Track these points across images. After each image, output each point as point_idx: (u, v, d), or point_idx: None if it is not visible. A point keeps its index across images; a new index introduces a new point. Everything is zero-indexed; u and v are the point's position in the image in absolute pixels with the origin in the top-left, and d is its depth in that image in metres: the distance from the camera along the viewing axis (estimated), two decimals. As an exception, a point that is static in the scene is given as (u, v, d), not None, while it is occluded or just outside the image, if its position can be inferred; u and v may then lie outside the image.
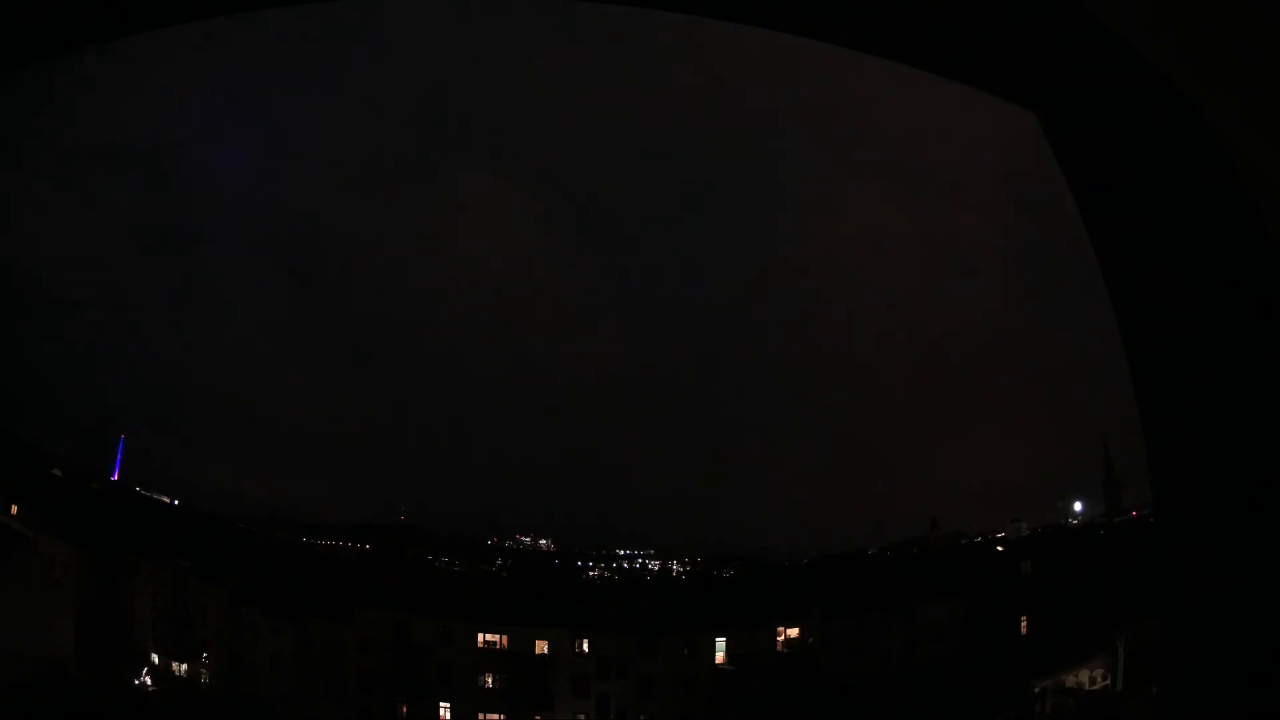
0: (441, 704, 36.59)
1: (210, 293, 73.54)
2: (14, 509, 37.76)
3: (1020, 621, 39.74)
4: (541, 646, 37.23)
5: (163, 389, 63.22)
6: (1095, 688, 36.26)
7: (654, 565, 50.07)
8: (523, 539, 51.52)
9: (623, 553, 50.19)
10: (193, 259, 72.80)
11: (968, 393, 69.89)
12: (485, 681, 36.68)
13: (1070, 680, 36.35)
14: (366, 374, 76.07)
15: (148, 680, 37.39)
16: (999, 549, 45.34)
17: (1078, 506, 46.92)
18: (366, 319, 76.46)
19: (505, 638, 37.24)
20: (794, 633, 38.68)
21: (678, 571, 50.12)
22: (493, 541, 51.35)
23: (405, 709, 36.58)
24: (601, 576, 49.51)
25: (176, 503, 46.55)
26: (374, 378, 75.55)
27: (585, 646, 37.50)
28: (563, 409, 72.00)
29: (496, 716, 36.49)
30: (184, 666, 37.83)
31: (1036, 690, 35.93)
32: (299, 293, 79.48)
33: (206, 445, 58.25)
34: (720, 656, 37.98)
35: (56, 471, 43.67)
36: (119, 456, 46.38)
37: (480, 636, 37.34)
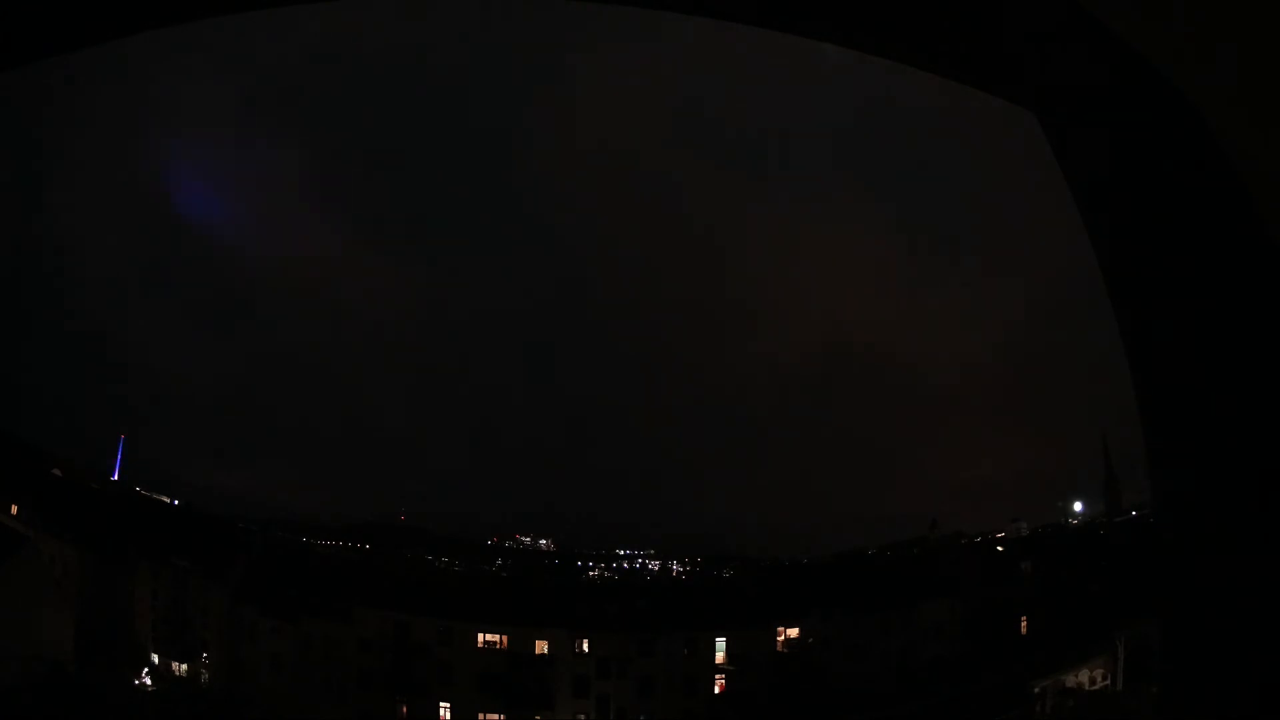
0: (441, 704, 36.57)
1: (209, 295, 73.61)
2: (14, 509, 37.75)
3: (1020, 621, 39.72)
4: (541, 646, 37.20)
5: (163, 390, 63.25)
6: (1095, 688, 36.24)
7: (654, 565, 50.06)
8: (523, 539, 51.53)
9: (623, 553, 50.21)
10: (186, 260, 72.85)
11: (968, 393, 69.90)
12: (485, 681, 36.65)
13: (1070, 680, 36.32)
14: (366, 375, 76.08)
15: (148, 680, 37.37)
16: (999, 549, 45.32)
17: (1078, 506, 46.96)
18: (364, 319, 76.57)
19: (505, 638, 37.21)
20: (794, 633, 38.66)
21: (678, 571, 50.11)
22: (493, 541, 51.37)
23: (405, 709, 36.56)
24: (601, 576, 49.49)
25: (176, 503, 46.58)
26: (374, 379, 75.57)
27: (585, 646, 37.46)
28: (563, 410, 72.01)
29: (496, 716, 36.46)
30: (184, 666, 37.81)
31: (1036, 690, 35.90)
32: (297, 294, 79.50)
33: (206, 445, 58.30)
34: (720, 656, 37.95)
35: (56, 471, 43.66)
36: (119, 456, 46.42)
37: (480, 636, 37.30)
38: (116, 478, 46.19)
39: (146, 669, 37.53)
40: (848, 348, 77.91)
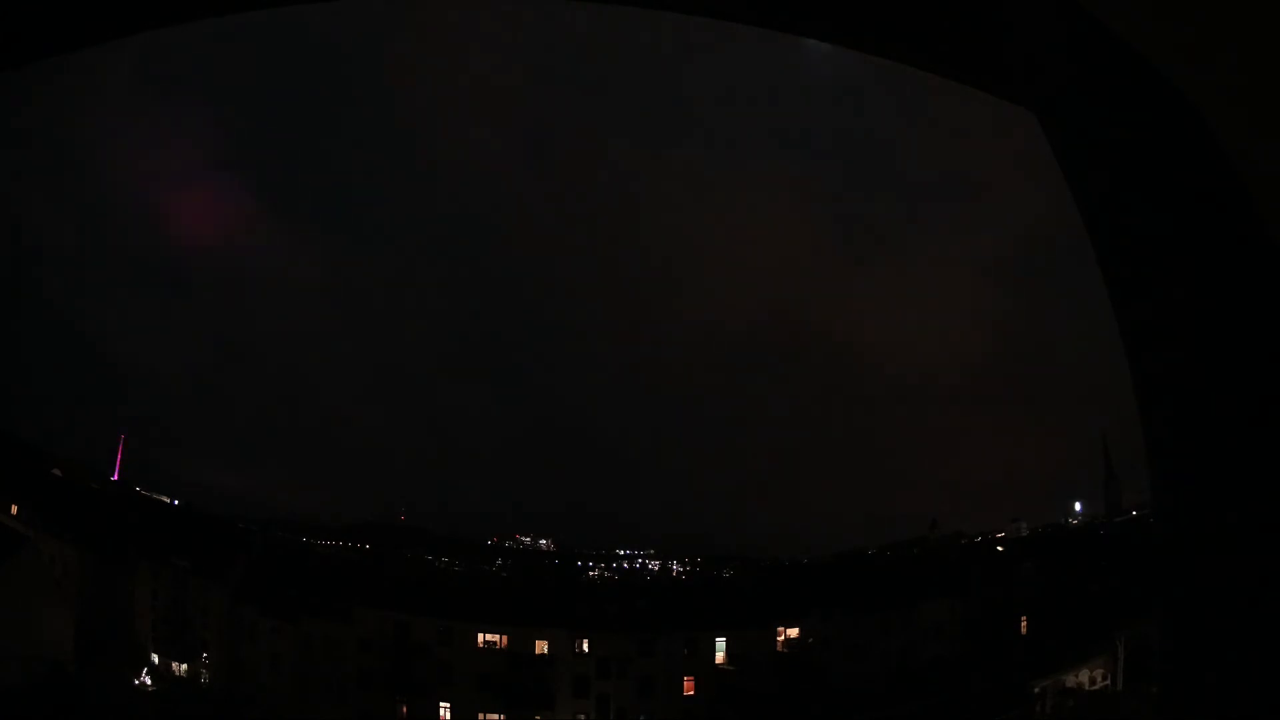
0: (441, 704, 36.56)
1: (211, 295, 73.62)
2: (14, 509, 37.74)
3: (1020, 621, 39.71)
4: (541, 646, 37.20)
5: (164, 390, 63.25)
6: (1095, 688, 36.24)
7: (654, 565, 50.06)
8: (523, 539, 51.53)
9: (623, 553, 50.21)
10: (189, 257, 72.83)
11: (968, 393, 69.92)
12: (485, 681, 36.64)
13: (1070, 680, 36.32)
14: (367, 375, 76.08)
15: (148, 680, 37.36)
16: (999, 549, 45.33)
17: (1078, 506, 46.99)
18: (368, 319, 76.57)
19: (505, 638, 37.20)
20: (794, 633, 38.65)
21: (678, 571, 50.10)
22: (493, 541, 51.37)
23: (405, 709, 36.55)
24: (601, 576, 49.49)
25: (176, 503, 46.59)
26: (374, 379, 75.56)
27: (585, 646, 37.46)
28: (563, 410, 72.04)
29: (496, 716, 36.45)
30: (184, 666, 37.81)
31: (1036, 690, 35.90)
32: (299, 293, 79.52)
33: (206, 445, 58.30)
34: (720, 656, 37.95)
35: (56, 471, 43.65)
36: (119, 456, 46.42)
37: (480, 636, 37.29)
38: (116, 478, 46.22)
39: (146, 669, 37.52)
40: (847, 347, 78.02)
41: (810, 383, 76.02)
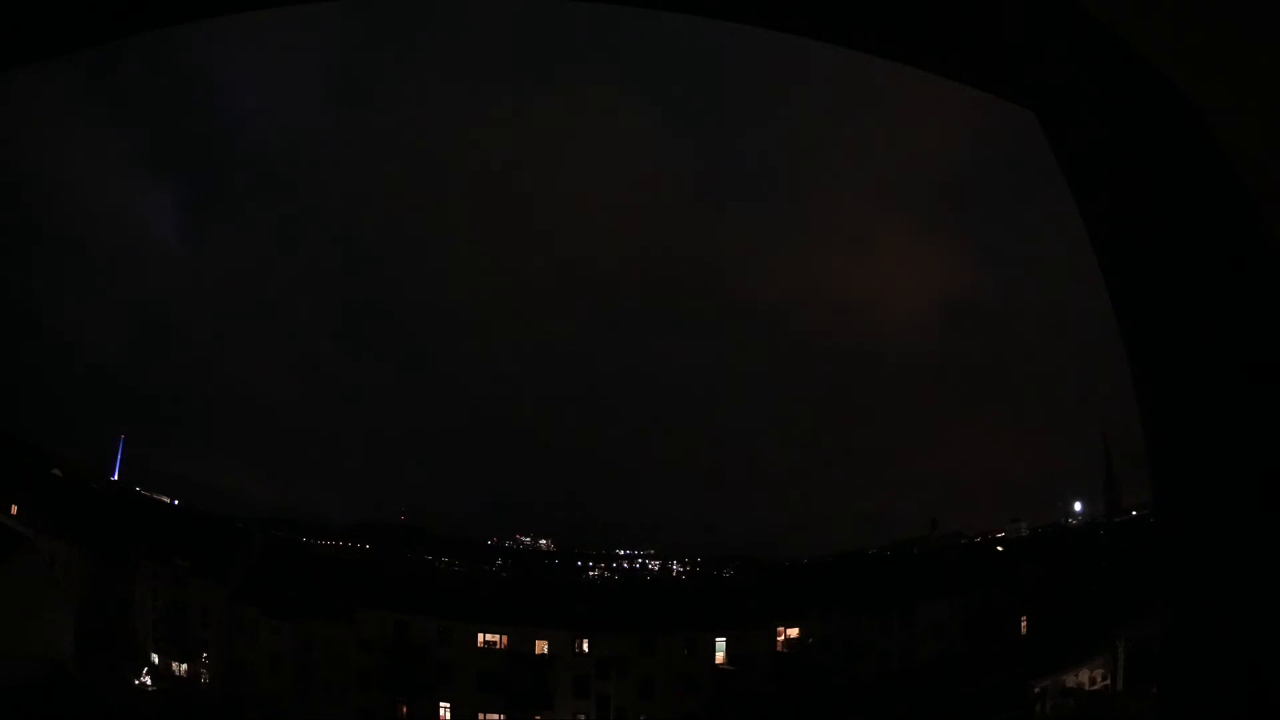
0: (441, 704, 36.60)
1: (211, 293, 73.49)
2: (14, 509, 37.76)
3: (1020, 621, 39.74)
4: (541, 646, 37.23)
5: (164, 389, 63.22)
6: (1095, 688, 36.26)
7: (654, 565, 50.06)
8: (523, 539, 51.52)
9: (623, 553, 50.20)
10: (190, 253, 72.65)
11: (967, 392, 69.89)
12: (485, 681, 36.67)
13: (1070, 680, 36.34)
14: (368, 374, 76.10)
15: (148, 680, 37.38)
16: (999, 549, 45.37)
17: (1078, 506, 46.94)
18: (368, 317, 76.49)
19: (505, 638, 37.24)
20: (794, 633, 38.69)
21: (678, 571, 50.10)
22: (493, 541, 51.35)
23: (405, 709, 36.59)
24: (601, 576, 49.50)
25: (176, 503, 46.57)
26: (376, 378, 75.56)
27: (585, 646, 37.49)
28: (562, 410, 72.01)
29: (496, 716, 36.49)
30: (184, 666, 37.83)
31: (1036, 690, 35.92)
32: (299, 292, 79.44)
33: (206, 445, 58.27)
34: (720, 656, 37.97)
35: (56, 471, 43.66)
36: (119, 456, 46.43)
37: (480, 636, 37.33)
38: (116, 478, 46.23)
39: (146, 669, 37.54)
40: (851, 354, 77.83)
41: (810, 383, 75.84)
